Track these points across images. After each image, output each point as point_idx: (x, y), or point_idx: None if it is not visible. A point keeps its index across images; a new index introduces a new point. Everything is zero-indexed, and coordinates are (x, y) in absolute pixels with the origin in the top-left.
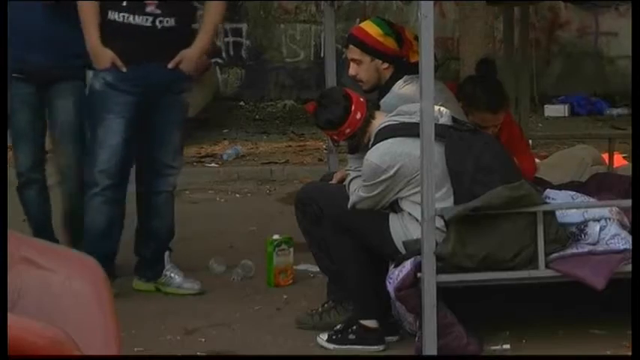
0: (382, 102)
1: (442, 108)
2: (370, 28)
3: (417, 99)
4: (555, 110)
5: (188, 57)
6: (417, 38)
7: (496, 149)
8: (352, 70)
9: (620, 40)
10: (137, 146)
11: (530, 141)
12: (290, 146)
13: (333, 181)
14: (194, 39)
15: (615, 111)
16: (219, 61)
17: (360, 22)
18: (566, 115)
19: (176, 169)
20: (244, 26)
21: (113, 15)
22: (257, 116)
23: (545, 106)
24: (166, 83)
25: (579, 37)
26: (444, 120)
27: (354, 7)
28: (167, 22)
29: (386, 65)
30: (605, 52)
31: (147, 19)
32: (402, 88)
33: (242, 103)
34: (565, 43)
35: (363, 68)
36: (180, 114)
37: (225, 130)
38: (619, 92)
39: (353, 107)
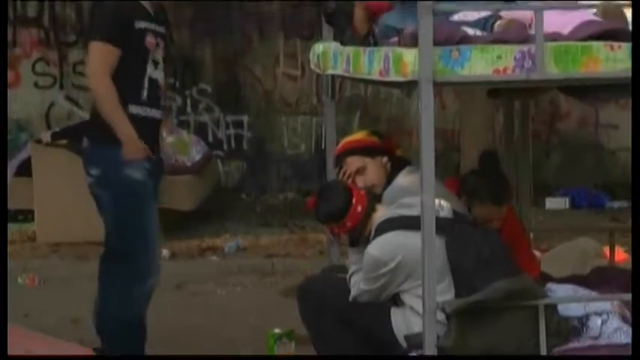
0: (384, 195)
1: (442, 201)
2: (354, 137)
3: (418, 191)
4: (556, 202)
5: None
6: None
7: (497, 243)
8: (360, 182)
9: (620, 133)
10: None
11: (531, 234)
12: (291, 239)
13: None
14: None
15: (616, 204)
16: (220, 153)
17: (359, 115)
18: (567, 207)
19: None
20: (245, 118)
21: (135, 109)
22: (258, 208)
23: (546, 198)
24: (160, 170)
25: (579, 129)
26: (445, 213)
27: (355, 99)
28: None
29: (386, 159)
30: (605, 144)
31: (160, 112)
32: (404, 179)
33: (243, 195)
34: (565, 134)
35: (370, 172)
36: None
37: (226, 223)
38: (620, 184)
39: (354, 200)
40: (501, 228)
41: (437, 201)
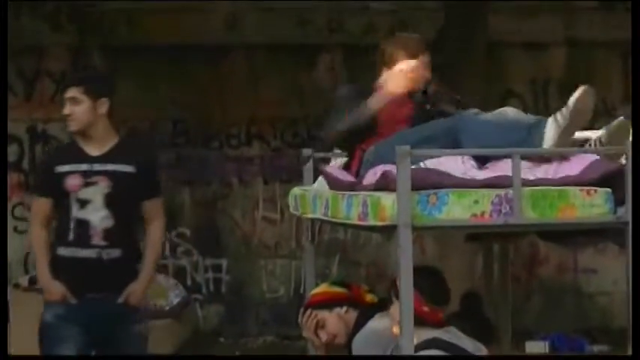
0: (354, 340)
1: (472, 342)
2: (317, 290)
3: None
4: (536, 346)
5: (135, 291)
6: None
7: None
8: (322, 335)
9: (599, 277)
10: None
11: None
12: None
13: None
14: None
15: (596, 348)
16: (199, 297)
17: (339, 259)
18: (547, 351)
19: None
20: (224, 262)
21: (62, 250)
22: (237, 352)
23: (526, 342)
24: (116, 316)
25: (558, 274)
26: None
27: (334, 242)
28: (113, 253)
29: (345, 309)
30: (584, 288)
31: (93, 252)
32: (379, 323)
33: (222, 339)
34: (544, 279)
35: (328, 325)
36: (138, 345)
37: None
38: (599, 329)
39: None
40: None
41: (463, 336)
